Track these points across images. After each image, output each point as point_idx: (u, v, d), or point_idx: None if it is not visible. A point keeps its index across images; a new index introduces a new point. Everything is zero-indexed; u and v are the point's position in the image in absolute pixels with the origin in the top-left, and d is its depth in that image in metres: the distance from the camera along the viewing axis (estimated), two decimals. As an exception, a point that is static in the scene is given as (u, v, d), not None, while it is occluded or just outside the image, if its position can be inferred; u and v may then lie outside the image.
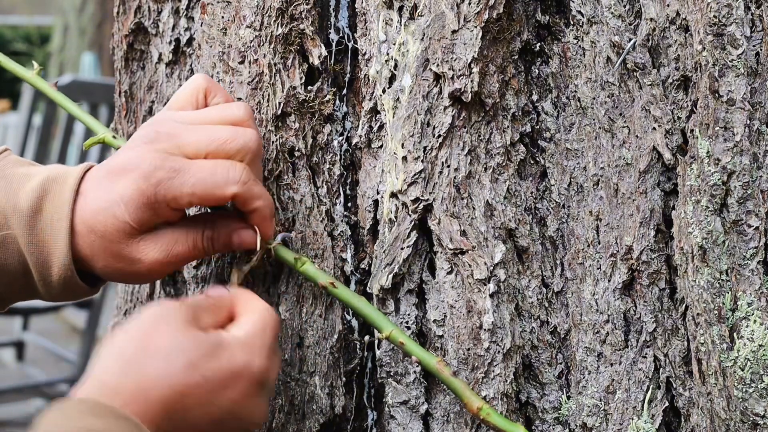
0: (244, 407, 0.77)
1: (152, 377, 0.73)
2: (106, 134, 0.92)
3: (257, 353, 0.78)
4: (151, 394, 0.73)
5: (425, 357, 0.84)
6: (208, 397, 0.75)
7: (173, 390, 0.74)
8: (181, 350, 0.75)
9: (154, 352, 0.74)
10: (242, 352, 0.77)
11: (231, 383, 0.76)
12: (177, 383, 0.74)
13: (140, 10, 1.03)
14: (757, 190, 0.80)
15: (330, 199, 0.93)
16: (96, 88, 4.14)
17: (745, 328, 0.80)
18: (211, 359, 0.76)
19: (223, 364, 0.76)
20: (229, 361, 0.77)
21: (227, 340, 0.77)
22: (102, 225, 0.82)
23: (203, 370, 0.75)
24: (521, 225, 0.88)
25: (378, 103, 0.91)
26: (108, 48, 2.53)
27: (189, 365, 0.75)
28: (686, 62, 0.84)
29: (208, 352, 0.76)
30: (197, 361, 0.75)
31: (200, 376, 0.75)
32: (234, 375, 0.76)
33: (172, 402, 0.73)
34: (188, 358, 0.75)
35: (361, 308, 0.86)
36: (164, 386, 0.74)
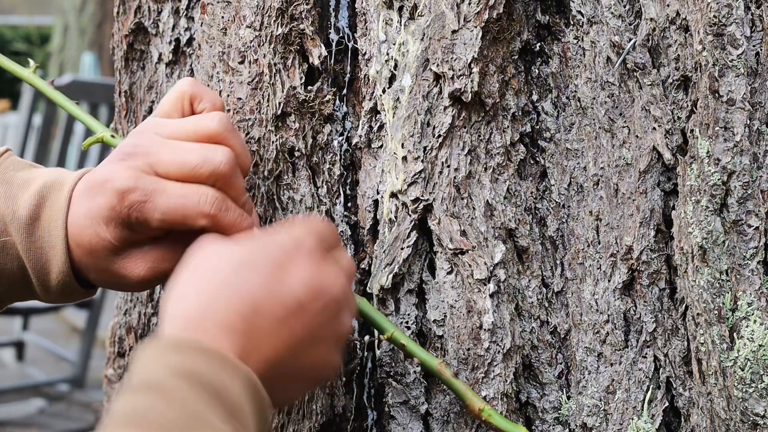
0: (310, 276, 0.75)
1: (212, 292, 0.73)
2: (104, 133, 0.92)
3: (303, 228, 0.78)
4: (217, 308, 0.72)
5: (427, 358, 0.84)
6: (270, 281, 0.74)
7: (236, 291, 0.73)
8: (228, 256, 0.75)
9: (205, 273, 0.74)
10: (286, 232, 0.77)
11: (286, 259, 0.75)
12: (237, 283, 0.73)
13: (140, 10, 1.03)
14: (757, 190, 0.80)
15: (330, 199, 0.93)
16: (96, 88, 4.14)
17: (745, 328, 0.80)
18: (258, 250, 0.75)
19: (270, 247, 0.76)
20: (275, 242, 0.76)
21: (270, 232, 0.77)
22: (87, 242, 0.82)
23: (254, 261, 0.74)
24: (521, 225, 0.88)
25: (378, 103, 0.91)
26: (108, 48, 2.53)
27: (240, 263, 0.74)
28: (686, 62, 0.84)
29: (253, 247, 0.75)
30: (246, 257, 0.75)
31: (254, 266, 0.74)
32: (285, 251, 0.76)
33: (241, 303, 0.72)
34: (237, 259, 0.74)
35: (362, 309, 0.86)
36: (225, 292, 0.73)
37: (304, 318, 0.75)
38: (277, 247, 0.76)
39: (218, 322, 0.71)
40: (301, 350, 0.75)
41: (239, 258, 0.75)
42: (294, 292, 0.74)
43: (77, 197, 0.83)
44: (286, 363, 0.74)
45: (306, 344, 0.75)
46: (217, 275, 0.74)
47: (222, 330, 0.71)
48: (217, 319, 0.71)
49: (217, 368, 0.68)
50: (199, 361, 0.68)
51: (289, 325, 0.74)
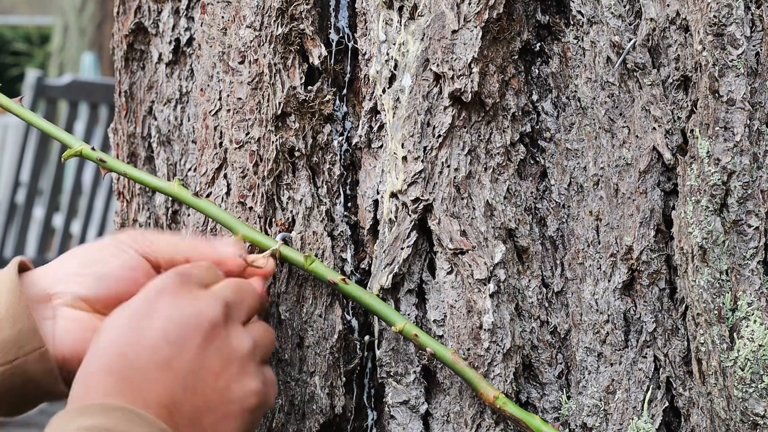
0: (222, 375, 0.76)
1: (91, 359, 0.74)
2: (83, 147, 0.91)
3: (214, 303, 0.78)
4: (94, 371, 0.73)
5: (440, 349, 0.85)
6: (137, 336, 0.75)
7: (110, 352, 0.74)
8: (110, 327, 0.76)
9: (94, 347, 0.75)
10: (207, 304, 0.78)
11: (147, 310, 0.76)
12: (111, 346, 0.74)
13: (140, 10, 1.03)
14: (757, 190, 0.80)
15: (330, 199, 0.93)
16: (96, 88, 4.14)
17: (745, 328, 0.80)
18: (139, 312, 0.76)
19: (134, 307, 0.77)
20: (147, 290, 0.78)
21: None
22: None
23: (135, 324, 0.75)
24: (521, 225, 0.88)
25: (378, 103, 0.91)
26: (108, 48, 2.53)
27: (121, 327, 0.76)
28: (686, 62, 0.84)
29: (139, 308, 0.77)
30: (128, 323, 0.76)
31: (128, 328, 0.75)
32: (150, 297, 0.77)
33: (114, 363, 0.73)
34: (120, 324, 0.76)
35: (372, 304, 0.86)
36: (104, 357, 0.74)
37: (179, 352, 0.75)
38: (136, 299, 0.77)
39: (100, 391, 0.72)
40: (194, 383, 0.75)
41: (109, 325, 0.76)
42: (160, 334, 0.75)
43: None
44: (185, 401, 0.74)
45: (197, 375, 0.75)
46: (95, 349, 0.75)
47: (105, 393, 0.72)
48: (97, 388, 0.73)
49: (122, 420, 0.70)
50: (103, 418, 0.69)
51: (167, 363, 0.74)
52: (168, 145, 1.03)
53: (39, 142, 3.81)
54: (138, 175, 0.91)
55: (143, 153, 1.05)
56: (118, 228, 1.07)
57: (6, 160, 4.93)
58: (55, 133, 0.93)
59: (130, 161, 1.06)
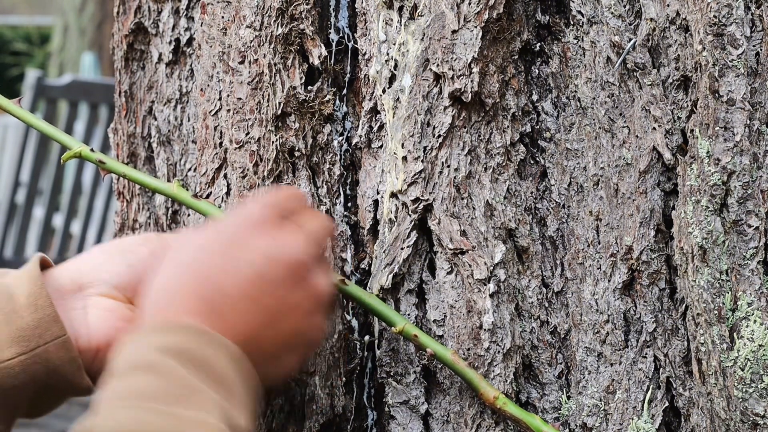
0: (266, 245, 0.76)
1: (173, 282, 0.74)
2: (82, 148, 0.91)
3: (252, 206, 0.78)
4: (178, 296, 0.73)
5: (440, 349, 0.85)
6: (225, 259, 0.75)
7: (193, 276, 0.74)
8: (186, 248, 0.76)
9: (168, 268, 0.75)
10: (236, 212, 0.78)
11: (238, 236, 0.76)
12: (194, 269, 0.74)
13: (140, 10, 1.03)
14: (757, 190, 0.80)
15: (330, 199, 0.93)
16: (96, 88, 4.14)
17: (745, 328, 0.80)
18: (212, 234, 0.77)
19: (221, 228, 0.77)
20: (226, 222, 0.77)
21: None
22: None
23: (208, 244, 0.76)
24: (521, 225, 0.88)
25: (378, 103, 0.91)
26: (108, 48, 2.53)
27: (196, 250, 0.76)
28: (686, 62, 0.84)
29: (207, 232, 0.77)
30: (201, 243, 0.76)
31: (209, 249, 0.75)
32: (236, 228, 0.76)
33: (200, 286, 0.73)
34: (194, 247, 0.76)
35: (373, 304, 0.86)
36: (184, 279, 0.74)
37: (269, 288, 0.75)
38: (228, 226, 0.77)
39: (183, 310, 0.72)
40: (276, 319, 0.75)
41: (196, 245, 0.76)
42: (252, 265, 0.75)
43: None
44: (264, 335, 0.75)
45: (280, 312, 0.76)
46: (179, 267, 0.75)
47: (188, 313, 0.72)
48: (181, 307, 0.72)
49: (201, 343, 0.70)
50: (183, 338, 0.70)
51: (256, 297, 0.74)
52: (168, 145, 1.03)
53: (39, 142, 3.81)
54: (137, 177, 0.91)
55: (143, 153, 1.05)
56: (118, 228, 1.07)
57: (6, 160, 4.93)
58: (54, 134, 0.93)
59: (130, 161, 1.06)
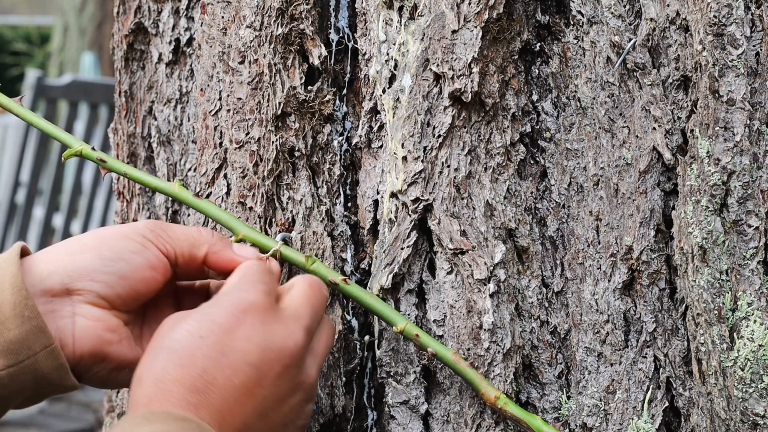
0: (261, 336, 0.76)
1: (161, 371, 0.73)
2: (83, 147, 0.91)
3: (245, 288, 0.78)
4: (166, 385, 0.72)
5: (441, 349, 0.85)
6: (217, 349, 0.74)
7: (183, 365, 0.73)
8: (176, 334, 0.75)
9: (156, 354, 0.74)
10: (228, 295, 0.77)
11: (231, 324, 0.75)
12: (183, 357, 0.74)
13: (140, 10, 1.03)
14: (757, 190, 0.80)
15: (330, 199, 0.93)
16: (96, 88, 4.14)
17: (745, 328, 0.80)
18: (202, 320, 0.76)
19: (212, 315, 0.76)
20: (218, 308, 0.77)
21: (214, 297, 0.78)
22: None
23: (198, 332, 0.75)
24: (521, 225, 0.88)
25: (378, 103, 0.91)
26: (108, 48, 2.53)
27: (185, 337, 0.75)
28: (686, 62, 0.84)
29: (197, 317, 0.76)
30: (191, 330, 0.75)
31: (198, 337, 0.75)
32: (229, 315, 0.76)
33: (189, 376, 0.73)
34: (183, 333, 0.75)
35: (373, 304, 0.86)
36: (172, 368, 0.73)
37: (263, 380, 0.75)
38: (221, 313, 0.76)
39: (170, 399, 0.72)
40: (268, 410, 0.76)
41: (188, 331, 0.75)
42: (246, 357, 0.75)
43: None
44: (255, 426, 0.75)
45: (273, 403, 0.76)
46: (170, 355, 0.74)
47: (178, 403, 0.72)
48: (168, 396, 0.72)
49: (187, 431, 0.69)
50: (172, 427, 0.69)
51: (249, 390, 0.74)
52: (168, 145, 1.03)
53: (39, 142, 3.81)
54: (138, 176, 0.91)
55: (143, 153, 1.05)
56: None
57: (6, 160, 4.93)
58: (55, 133, 0.93)
59: (130, 161, 1.06)
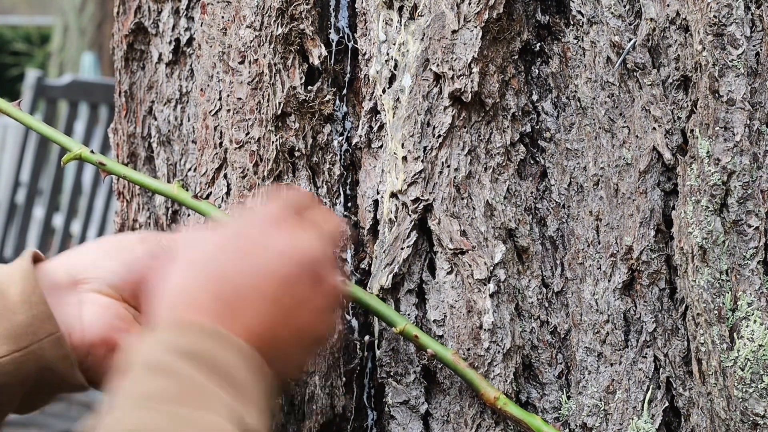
0: (282, 244, 0.76)
1: (189, 281, 0.74)
2: (82, 150, 0.91)
3: (271, 207, 0.79)
4: (194, 295, 0.73)
5: (440, 350, 0.85)
6: (242, 258, 0.75)
7: (210, 275, 0.74)
8: (204, 246, 0.76)
9: (183, 267, 0.75)
10: (255, 213, 0.79)
11: (256, 237, 0.76)
12: (211, 268, 0.74)
13: (140, 10, 1.03)
14: (757, 190, 0.80)
15: (330, 199, 0.93)
16: (96, 88, 4.14)
17: (745, 328, 0.80)
18: (230, 233, 0.77)
19: (239, 228, 0.77)
20: (245, 222, 0.78)
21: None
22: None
23: (226, 243, 0.76)
24: (521, 225, 0.88)
25: (378, 103, 0.91)
26: (108, 48, 2.53)
27: (213, 249, 0.75)
28: (686, 62, 0.84)
29: (225, 231, 0.77)
30: (219, 242, 0.76)
31: (227, 248, 0.75)
32: (254, 229, 0.77)
33: (218, 286, 0.73)
34: (212, 246, 0.76)
35: (373, 305, 0.86)
36: (200, 278, 0.74)
37: (285, 286, 0.75)
38: (246, 226, 0.77)
39: (198, 310, 0.72)
40: (291, 316, 0.76)
41: (213, 243, 0.76)
42: (268, 264, 0.75)
43: None
44: (279, 333, 0.75)
45: (294, 311, 0.76)
46: (195, 266, 0.75)
47: (203, 312, 0.72)
48: (196, 306, 0.72)
49: (215, 345, 0.70)
50: (197, 339, 0.70)
51: (272, 297, 0.74)
52: (168, 145, 1.03)
53: (39, 143, 3.81)
54: (138, 178, 0.91)
55: (143, 153, 1.05)
56: (118, 228, 1.07)
57: (6, 160, 4.93)
58: (54, 136, 0.93)
59: (130, 161, 1.06)
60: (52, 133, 0.93)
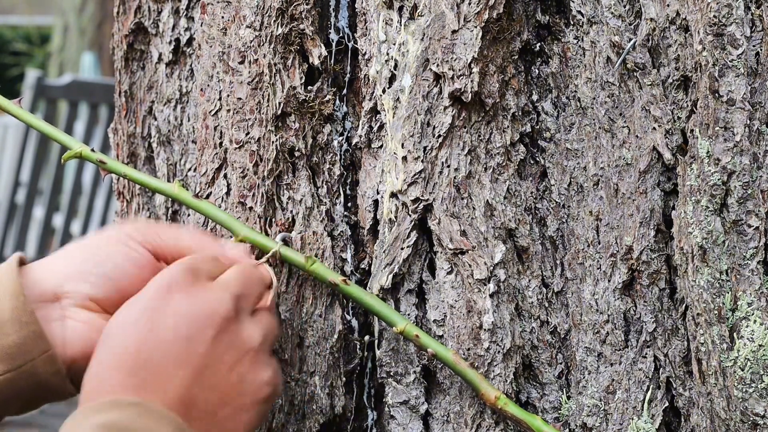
0: (186, 311, 0.77)
1: (105, 357, 0.74)
2: (83, 148, 0.91)
3: (225, 297, 0.78)
4: (107, 372, 0.74)
5: (441, 350, 0.85)
6: (149, 326, 0.75)
7: (121, 348, 0.75)
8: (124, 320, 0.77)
9: (106, 339, 0.76)
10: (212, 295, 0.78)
11: (160, 298, 0.77)
12: (121, 342, 0.75)
13: (140, 10, 1.03)
14: (757, 190, 0.80)
15: (330, 199, 0.93)
16: (96, 88, 4.14)
17: (745, 328, 0.80)
18: (146, 301, 0.77)
19: (142, 299, 0.78)
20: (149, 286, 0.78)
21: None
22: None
23: (140, 315, 0.76)
24: (521, 225, 0.88)
25: (378, 103, 0.91)
26: (108, 48, 2.53)
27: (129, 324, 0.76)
28: (686, 62, 0.84)
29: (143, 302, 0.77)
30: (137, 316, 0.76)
31: (136, 320, 0.76)
32: (153, 292, 0.77)
33: (129, 358, 0.74)
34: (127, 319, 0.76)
35: (373, 305, 0.86)
36: (117, 350, 0.74)
37: (192, 346, 0.75)
38: (149, 293, 0.78)
39: (114, 389, 0.73)
40: (204, 377, 0.76)
41: (121, 320, 0.77)
42: (171, 329, 0.75)
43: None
44: (196, 394, 0.75)
45: (207, 370, 0.76)
46: (104, 347, 0.76)
47: (119, 389, 0.73)
48: (111, 386, 0.73)
49: (139, 416, 0.70)
50: (120, 413, 0.70)
51: (180, 359, 0.75)
52: (168, 145, 1.03)
53: (39, 142, 3.81)
54: (138, 177, 0.91)
55: (143, 153, 1.05)
56: (118, 228, 1.07)
57: (6, 160, 4.93)
58: (54, 134, 0.93)
59: (130, 161, 1.06)
60: (53, 131, 0.93)
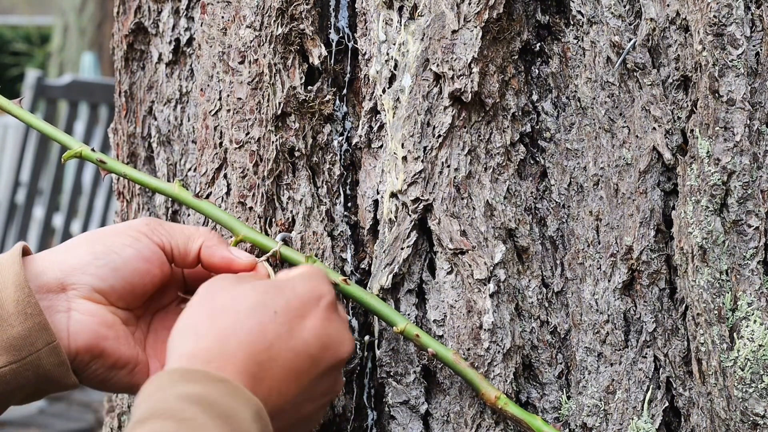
0: (326, 332, 0.77)
1: (228, 331, 0.74)
2: (83, 148, 0.91)
3: (319, 281, 0.80)
4: (231, 348, 0.73)
5: (441, 350, 0.85)
6: (286, 329, 0.75)
7: (252, 333, 0.74)
8: (244, 297, 0.76)
9: (220, 312, 0.75)
10: (303, 281, 0.79)
11: (303, 311, 0.77)
12: (253, 326, 0.74)
13: (140, 10, 1.03)
14: (757, 190, 0.80)
15: (330, 199, 0.93)
16: (96, 88, 4.14)
17: (745, 328, 0.80)
18: (276, 296, 0.77)
19: (288, 295, 0.77)
20: (294, 291, 0.78)
21: (284, 278, 0.80)
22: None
23: (272, 306, 0.76)
24: (521, 225, 0.88)
25: (378, 103, 0.91)
26: (108, 48, 2.53)
27: (257, 305, 0.75)
28: (686, 62, 0.84)
29: (270, 291, 0.77)
30: (263, 300, 0.76)
31: (272, 311, 0.75)
32: (303, 302, 0.77)
33: (256, 346, 0.74)
34: (254, 301, 0.76)
35: (374, 305, 0.86)
36: (241, 333, 0.74)
37: (312, 373, 0.77)
38: (295, 297, 0.78)
39: (233, 364, 0.73)
40: (304, 401, 0.77)
41: (255, 300, 0.76)
42: (308, 346, 0.76)
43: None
44: (288, 411, 0.76)
45: (309, 396, 0.77)
46: (231, 315, 0.75)
47: (236, 372, 0.73)
48: (231, 360, 0.73)
49: (228, 396, 0.70)
50: (209, 388, 0.70)
51: (299, 377, 0.76)
52: (168, 145, 1.03)
53: (39, 142, 3.81)
54: (138, 177, 0.91)
55: (143, 153, 1.05)
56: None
57: (6, 160, 4.93)
58: (54, 134, 0.93)
59: (130, 161, 1.06)
60: (53, 131, 0.93)
